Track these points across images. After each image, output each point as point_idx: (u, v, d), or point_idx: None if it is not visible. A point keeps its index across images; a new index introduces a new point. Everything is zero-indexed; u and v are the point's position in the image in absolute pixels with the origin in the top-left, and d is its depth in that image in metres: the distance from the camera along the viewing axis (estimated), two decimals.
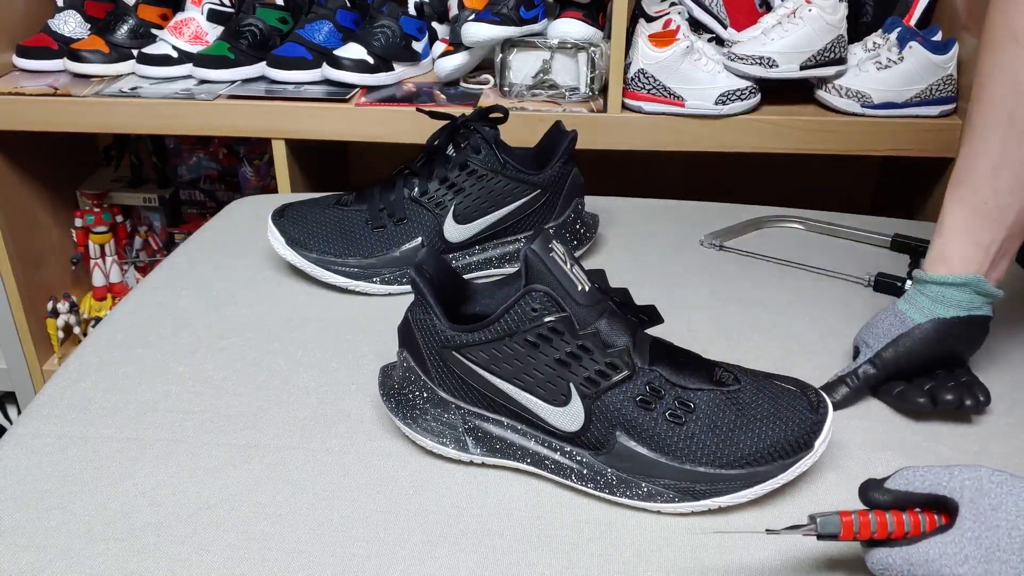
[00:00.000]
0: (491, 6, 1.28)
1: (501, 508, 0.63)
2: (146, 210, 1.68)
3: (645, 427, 0.61)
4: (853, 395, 0.74)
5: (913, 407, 0.72)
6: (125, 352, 0.81)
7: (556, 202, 0.92)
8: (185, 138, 1.65)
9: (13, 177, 1.49)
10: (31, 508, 0.63)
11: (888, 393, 0.74)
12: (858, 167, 1.65)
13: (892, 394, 0.73)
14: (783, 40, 1.24)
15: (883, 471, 0.66)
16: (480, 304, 0.70)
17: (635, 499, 0.62)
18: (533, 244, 0.60)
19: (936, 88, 1.25)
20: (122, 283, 1.68)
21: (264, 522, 0.62)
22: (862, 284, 0.93)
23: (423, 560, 0.59)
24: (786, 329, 0.85)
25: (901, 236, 1.01)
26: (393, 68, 1.38)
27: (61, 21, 1.47)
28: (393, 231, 0.90)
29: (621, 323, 0.62)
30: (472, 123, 0.89)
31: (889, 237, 1.01)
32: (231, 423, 0.72)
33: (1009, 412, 0.73)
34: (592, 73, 1.31)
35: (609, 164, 1.65)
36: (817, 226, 1.05)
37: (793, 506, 0.63)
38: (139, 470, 0.66)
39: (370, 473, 0.66)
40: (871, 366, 0.74)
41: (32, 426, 0.71)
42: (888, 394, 0.74)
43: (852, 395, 0.74)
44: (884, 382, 0.74)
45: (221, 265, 0.97)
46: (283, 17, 1.44)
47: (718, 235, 1.02)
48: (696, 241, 1.02)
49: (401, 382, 0.69)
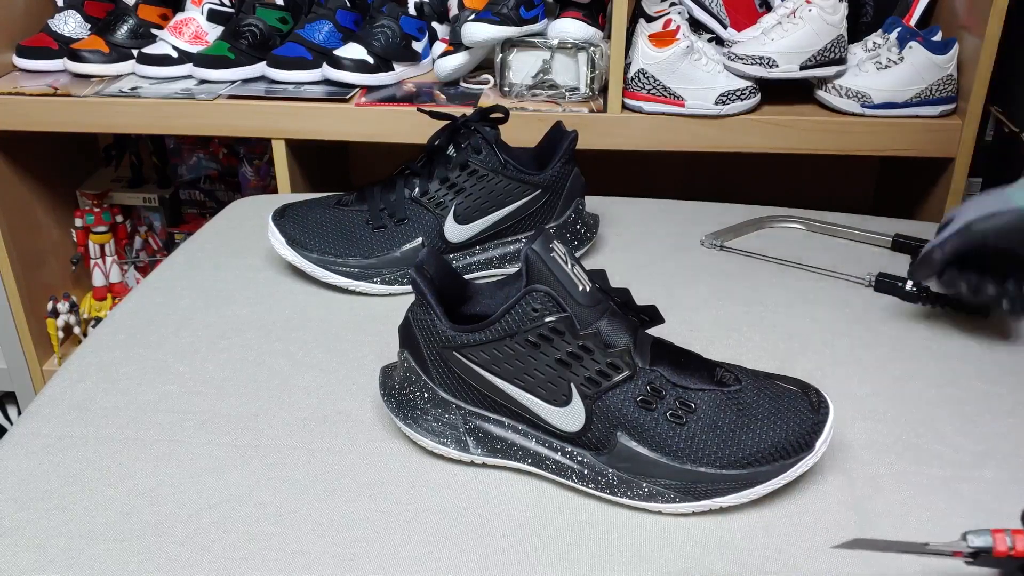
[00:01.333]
0: (491, 6, 1.28)
1: (502, 508, 0.63)
2: (146, 210, 1.68)
3: (646, 427, 0.61)
4: (936, 265, 0.66)
5: (983, 298, 0.66)
6: (125, 352, 0.81)
7: (557, 202, 0.92)
8: (185, 138, 1.65)
9: (13, 177, 1.49)
10: (31, 508, 0.63)
11: (956, 281, 0.67)
12: (858, 167, 1.65)
13: (962, 282, 0.66)
14: (783, 40, 1.24)
15: (885, 471, 0.67)
16: (481, 304, 0.70)
17: (636, 499, 0.62)
18: (534, 244, 0.60)
19: (936, 88, 1.25)
20: (122, 283, 1.68)
21: (264, 522, 0.62)
22: (863, 284, 0.93)
23: (424, 560, 0.59)
24: (787, 329, 0.85)
25: (901, 236, 1.01)
26: (393, 68, 1.38)
27: (61, 21, 1.47)
28: (394, 231, 0.89)
29: (622, 323, 0.62)
30: (472, 123, 0.89)
31: (890, 237, 1.01)
32: (231, 423, 0.72)
33: (1013, 412, 0.73)
34: (592, 73, 1.31)
35: (609, 164, 1.65)
36: (818, 226, 1.05)
37: (794, 506, 0.63)
38: (139, 470, 0.66)
39: (371, 473, 0.66)
40: (958, 237, 0.68)
41: (32, 426, 0.71)
42: (956, 282, 0.67)
43: (936, 265, 0.66)
44: (964, 259, 0.68)
45: (221, 265, 0.97)
46: (283, 17, 1.44)
47: (718, 235, 1.02)
48: (696, 241, 1.02)
49: (402, 382, 0.69)
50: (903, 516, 0.62)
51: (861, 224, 1.05)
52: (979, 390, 0.76)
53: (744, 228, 1.04)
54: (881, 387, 0.76)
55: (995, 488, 0.65)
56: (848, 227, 1.04)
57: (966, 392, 0.76)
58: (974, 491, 0.65)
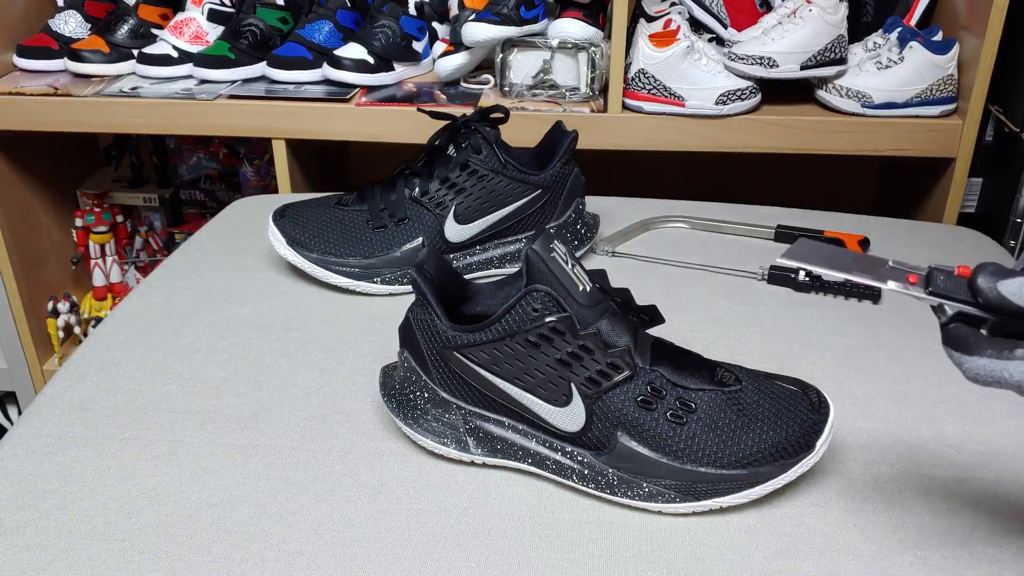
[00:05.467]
0: (491, 6, 1.28)
1: (502, 508, 0.63)
2: (146, 210, 1.68)
3: (646, 427, 0.61)
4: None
5: None
6: (125, 352, 0.81)
7: (557, 202, 0.92)
8: (185, 138, 1.65)
9: (13, 177, 1.49)
10: (32, 508, 0.63)
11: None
12: (858, 167, 1.65)
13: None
14: (783, 40, 1.24)
15: (885, 472, 0.67)
16: (481, 304, 0.70)
17: (636, 499, 0.62)
18: (534, 244, 0.60)
19: (936, 88, 1.25)
20: (122, 283, 1.68)
21: (264, 522, 0.62)
22: (756, 279, 0.94)
23: (424, 560, 0.59)
24: (787, 329, 0.85)
25: (784, 227, 1.02)
26: (393, 68, 1.38)
27: (61, 21, 1.47)
28: (394, 231, 0.89)
29: (622, 323, 0.62)
30: (473, 123, 0.89)
31: (772, 229, 1.02)
32: (231, 423, 0.72)
33: (1013, 413, 0.73)
34: (592, 73, 1.31)
35: (609, 164, 1.65)
36: (701, 223, 1.05)
37: (794, 506, 0.63)
38: (140, 470, 0.66)
39: (371, 473, 0.66)
40: None
41: (33, 426, 0.71)
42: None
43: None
44: None
45: (221, 265, 0.97)
46: (283, 17, 1.44)
47: (610, 240, 1.01)
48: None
49: (402, 382, 0.68)
50: (903, 516, 0.62)
51: (743, 218, 1.06)
52: (979, 390, 0.76)
53: (634, 231, 1.04)
54: (881, 387, 0.76)
55: (996, 488, 0.65)
56: (732, 222, 1.05)
57: (966, 392, 0.76)
58: (975, 492, 0.65)
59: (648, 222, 1.05)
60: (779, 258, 0.52)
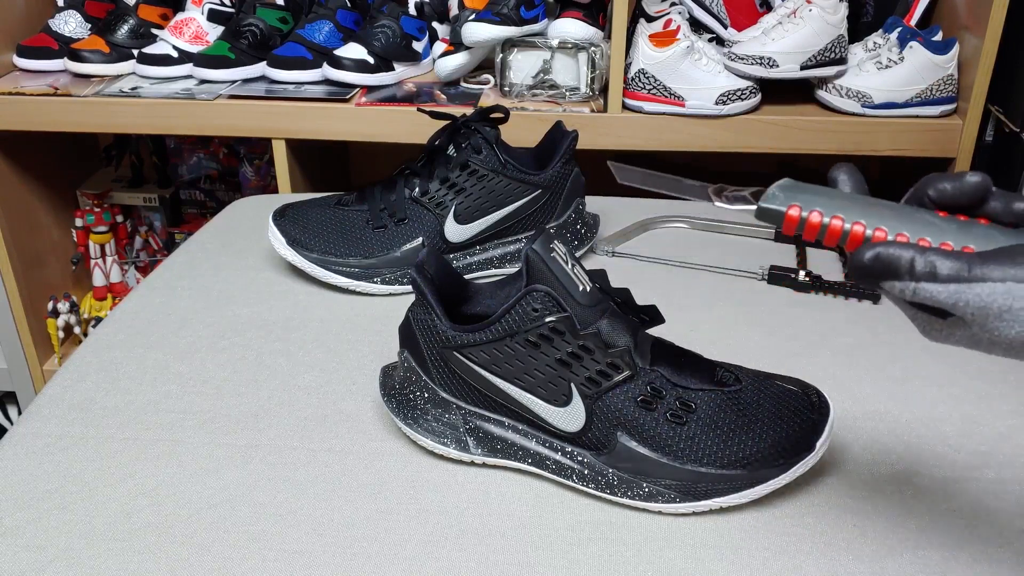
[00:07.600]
0: (491, 6, 1.28)
1: (502, 508, 0.63)
2: (146, 210, 1.68)
3: (646, 427, 0.61)
4: None
5: None
6: (125, 352, 0.81)
7: (557, 202, 0.92)
8: (185, 138, 1.65)
9: (13, 177, 1.49)
10: (31, 508, 0.63)
11: None
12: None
13: None
14: (783, 40, 1.24)
15: (885, 472, 0.67)
16: (481, 304, 0.69)
17: (636, 499, 0.62)
18: (534, 244, 0.60)
19: (936, 88, 1.25)
20: (122, 283, 1.68)
21: (264, 522, 0.62)
22: (756, 279, 0.94)
23: (424, 560, 0.59)
24: (787, 329, 0.85)
25: None
26: (393, 68, 1.38)
27: (61, 21, 1.47)
28: (394, 231, 0.89)
29: (622, 323, 0.62)
30: (473, 123, 0.89)
31: (772, 229, 1.03)
32: (231, 423, 0.72)
33: (1015, 412, 0.73)
34: (592, 73, 1.31)
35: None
36: (701, 224, 1.05)
37: (794, 506, 0.63)
38: (140, 470, 0.66)
39: (371, 473, 0.66)
40: None
41: (32, 426, 0.71)
42: None
43: None
44: None
45: (221, 265, 0.97)
46: (283, 17, 1.44)
47: (610, 240, 1.01)
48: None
49: (402, 382, 0.68)
50: (903, 516, 0.62)
51: (743, 218, 1.06)
52: (979, 390, 0.76)
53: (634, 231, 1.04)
54: (881, 387, 0.76)
55: (996, 488, 0.65)
56: (732, 222, 1.05)
57: (966, 392, 0.76)
58: (975, 492, 0.65)
59: (648, 222, 1.05)
60: (619, 178, 0.49)
